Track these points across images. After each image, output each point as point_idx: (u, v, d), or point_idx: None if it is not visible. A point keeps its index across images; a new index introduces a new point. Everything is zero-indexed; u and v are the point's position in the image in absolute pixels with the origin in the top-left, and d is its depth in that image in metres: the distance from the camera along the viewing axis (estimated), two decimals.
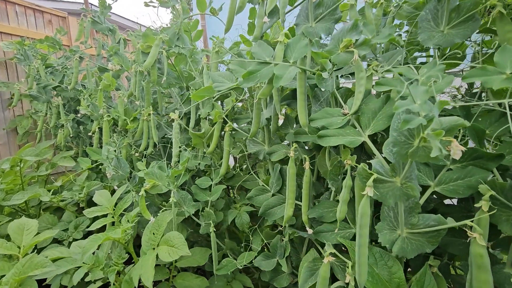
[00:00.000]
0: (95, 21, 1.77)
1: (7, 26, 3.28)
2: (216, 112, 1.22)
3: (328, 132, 0.64)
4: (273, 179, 1.03)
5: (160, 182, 1.06)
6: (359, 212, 0.51)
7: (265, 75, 0.66)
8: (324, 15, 0.83)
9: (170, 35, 1.25)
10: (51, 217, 1.80)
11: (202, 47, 2.24)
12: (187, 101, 1.47)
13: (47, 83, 2.08)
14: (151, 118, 1.48)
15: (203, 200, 1.30)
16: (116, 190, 1.25)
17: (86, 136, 2.29)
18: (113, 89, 1.63)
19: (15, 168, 1.82)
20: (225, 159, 1.20)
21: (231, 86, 0.80)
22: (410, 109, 0.40)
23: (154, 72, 1.25)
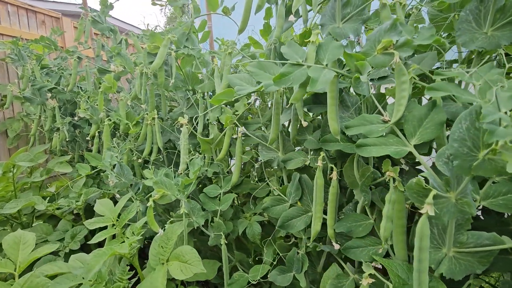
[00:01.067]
0: (96, 20, 1.69)
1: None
2: (227, 117, 1.15)
3: (368, 141, 0.58)
4: (291, 188, 0.97)
5: (169, 192, 0.98)
6: (418, 233, 0.45)
7: (298, 78, 0.60)
8: (352, 15, 0.78)
9: (178, 35, 1.18)
10: (45, 226, 1.70)
11: (207, 48, 2.18)
12: (193, 105, 1.40)
13: (43, 85, 1.98)
14: (155, 122, 1.40)
15: (212, 209, 1.23)
16: (119, 199, 1.17)
17: (82, 140, 2.20)
18: (114, 91, 1.55)
19: (7, 174, 1.72)
20: (237, 167, 1.14)
21: (255, 89, 0.74)
22: (496, 118, 0.35)
23: (162, 74, 1.18)
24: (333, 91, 0.67)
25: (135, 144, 1.62)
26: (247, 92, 0.74)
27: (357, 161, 0.76)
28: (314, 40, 0.64)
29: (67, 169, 1.80)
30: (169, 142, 1.63)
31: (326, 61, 0.63)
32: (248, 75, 0.86)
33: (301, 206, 0.95)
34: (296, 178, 0.96)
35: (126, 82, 2.48)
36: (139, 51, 1.71)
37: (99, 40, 1.91)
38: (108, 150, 1.37)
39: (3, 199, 1.84)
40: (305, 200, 0.94)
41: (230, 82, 0.84)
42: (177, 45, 1.20)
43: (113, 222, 1.13)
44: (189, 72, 1.45)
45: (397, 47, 0.61)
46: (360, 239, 0.74)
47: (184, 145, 1.10)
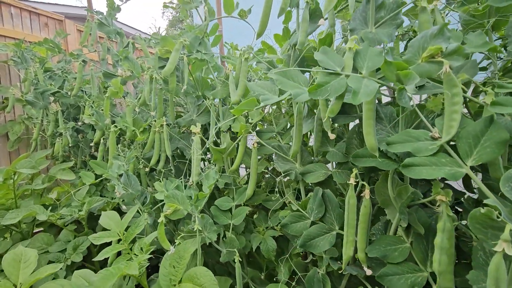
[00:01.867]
0: (102, 23, 1.63)
1: (1, 28, 3.14)
2: (241, 125, 1.09)
3: (417, 161, 0.52)
4: (313, 204, 0.90)
5: (182, 206, 0.92)
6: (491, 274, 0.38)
7: (337, 89, 0.53)
8: (386, 20, 0.72)
9: (191, 39, 1.12)
10: (46, 236, 1.62)
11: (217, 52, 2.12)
12: (204, 112, 1.34)
13: (46, 88, 1.92)
14: (164, 129, 1.34)
15: (224, 223, 1.16)
16: (126, 210, 1.10)
17: (85, 145, 2.13)
18: (121, 96, 1.49)
19: (8, 181, 1.65)
20: (253, 179, 1.07)
21: (281, 99, 0.67)
22: None
23: (173, 80, 1.11)
24: (371, 103, 0.61)
25: (141, 152, 1.55)
26: (273, 102, 0.67)
27: (391, 178, 0.69)
28: (351, 47, 0.58)
29: (69, 177, 1.74)
30: (176, 150, 1.57)
31: (365, 69, 0.56)
32: (269, 82, 0.80)
33: (324, 224, 0.88)
34: (318, 193, 0.89)
35: (130, 85, 2.42)
36: (147, 55, 1.65)
37: (104, 44, 1.86)
38: (115, 159, 1.30)
39: (3, 206, 1.77)
40: (329, 217, 0.88)
41: (251, 90, 0.78)
42: (189, 50, 1.13)
43: (119, 237, 1.06)
44: (199, 77, 1.39)
45: (446, 55, 0.55)
46: (396, 265, 0.67)
47: (197, 155, 1.04)
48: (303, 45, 0.80)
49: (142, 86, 1.53)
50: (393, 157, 0.66)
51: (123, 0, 1.63)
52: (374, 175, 0.84)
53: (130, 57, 1.37)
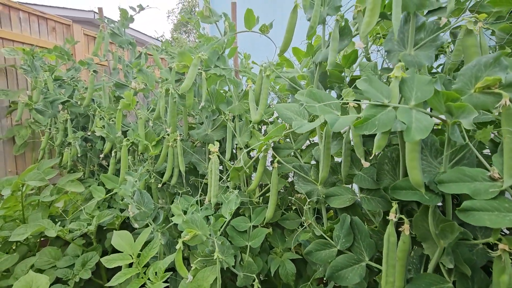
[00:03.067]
0: (115, 33, 1.61)
1: (9, 32, 3.14)
2: (261, 144, 1.04)
3: (476, 205, 0.47)
4: (340, 232, 0.85)
5: (201, 231, 0.87)
6: None
7: (385, 123, 0.49)
8: (426, 41, 0.67)
9: (209, 54, 1.08)
10: (54, 250, 1.58)
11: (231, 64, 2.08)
12: (220, 127, 1.29)
13: (56, 98, 1.90)
14: (177, 144, 1.30)
15: (241, 245, 1.11)
16: (140, 231, 1.06)
17: (94, 155, 2.10)
18: (133, 108, 1.45)
19: (16, 193, 1.62)
20: (273, 200, 1.02)
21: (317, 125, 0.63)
22: None
23: (191, 96, 1.08)
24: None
25: (153, 165, 1.51)
26: (307, 129, 0.63)
27: (432, 213, 0.64)
28: (398, 75, 0.53)
29: (78, 189, 1.70)
30: (189, 164, 1.53)
31: (413, 100, 0.52)
32: (297, 105, 0.75)
33: (353, 254, 0.82)
34: (346, 221, 0.84)
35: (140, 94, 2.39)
36: (160, 67, 1.62)
37: (116, 53, 1.83)
38: (127, 175, 1.26)
39: (10, 218, 1.74)
40: (357, 247, 0.82)
41: (279, 113, 0.73)
42: (206, 65, 1.10)
43: (133, 260, 1.01)
44: (214, 90, 1.36)
45: (505, 87, 0.50)
46: None
47: (214, 176, 0.99)
48: (333, 65, 0.76)
49: (155, 98, 1.49)
50: (436, 191, 0.61)
51: (136, 10, 1.60)
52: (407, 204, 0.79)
53: (144, 69, 1.33)
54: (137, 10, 1.60)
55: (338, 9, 0.85)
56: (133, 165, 1.59)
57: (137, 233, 1.39)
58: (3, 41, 3.08)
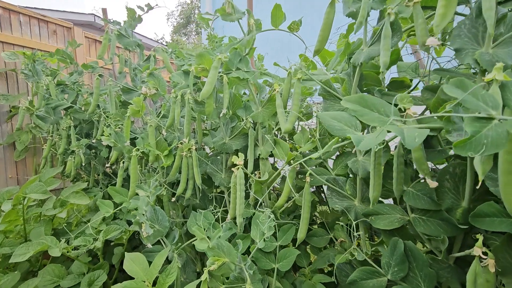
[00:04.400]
0: (122, 34, 1.50)
1: (9, 36, 3.06)
2: (290, 154, 0.93)
3: None
4: (391, 259, 0.73)
5: (228, 258, 0.75)
6: None
7: (497, 141, 0.37)
8: (505, 37, 0.56)
9: (231, 55, 0.97)
10: (57, 268, 1.47)
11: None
12: (239, 135, 1.18)
13: (59, 103, 1.79)
14: (193, 154, 1.19)
15: (266, 268, 0.99)
16: (157, 255, 0.94)
17: (99, 163, 1.99)
18: (142, 115, 1.34)
19: (17, 206, 1.51)
20: (305, 219, 0.90)
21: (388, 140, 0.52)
22: None
23: (211, 103, 0.97)
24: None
25: (164, 176, 1.40)
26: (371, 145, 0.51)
27: None
28: (499, 78, 0.42)
29: (83, 201, 1.59)
30: (203, 175, 1.42)
31: None
32: (346, 114, 0.64)
33: (407, 285, 0.71)
34: (398, 246, 0.72)
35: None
36: (169, 69, 1.51)
37: (122, 56, 1.72)
38: (139, 188, 1.15)
39: (10, 233, 1.62)
40: (413, 277, 0.71)
41: (325, 124, 0.62)
42: (227, 67, 0.99)
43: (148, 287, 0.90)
44: (231, 95, 1.25)
45: None
46: None
47: (240, 192, 0.88)
48: (386, 65, 0.65)
49: (167, 104, 1.38)
50: None
51: (144, 10, 1.50)
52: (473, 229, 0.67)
53: (156, 74, 1.22)
54: (145, 10, 1.50)
55: (384, 2, 0.74)
56: (142, 175, 1.48)
57: (148, 250, 1.28)
58: (3, 44, 3.00)
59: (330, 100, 0.90)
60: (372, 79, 0.93)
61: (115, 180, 2.05)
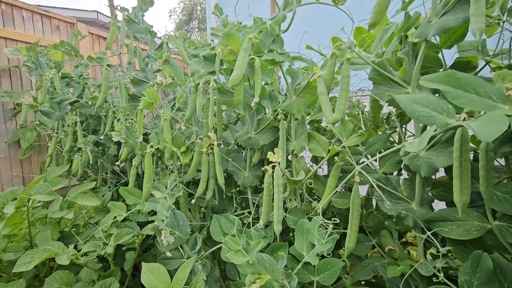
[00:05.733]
0: (131, 20, 1.36)
1: (12, 32, 2.97)
2: (333, 148, 0.79)
3: None
4: (473, 276, 0.60)
5: (271, 275, 0.62)
6: None
7: None
8: None
9: (262, 36, 0.84)
10: (65, 275, 1.35)
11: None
12: (266, 129, 1.05)
13: (64, 97, 1.67)
14: (214, 150, 1.06)
15: (305, 281, 0.86)
16: (180, 267, 0.81)
17: (107, 161, 1.87)
18: (155, 108, 1.21)
19: (21, 208, 1.39)
20: (355, 226, 0.77)
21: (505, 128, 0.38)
22: None
23: (241, 90, 0.83)
24: None
25: (180, 175, 1.27)
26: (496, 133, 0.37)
27: None
28: None
29: (92, 202, 1.47)
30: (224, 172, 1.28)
31: None
32: (433, 97, 0.50)
33: None
34: (485, 262, 0.58)
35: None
36: (183, 57, 1.38)
37: (131, 45, 1.59)
38: (154, 189, 1.02)
39: (15, 238, 1.51)
40: None
41: (406, 109, 0.48)
42: (258, 49, 0.85)
43: None
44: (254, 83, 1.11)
45: None
46: None
47: (278, 194, 0.74)
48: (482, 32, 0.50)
49: (184, 95, 1.25)
50: None
51: None
52: None
53: (172, 61, 1.09)
54: None
55: None
56: (155, 174, 1.36)
57: (164, 258, 1.16)
58: (6, 40, 2.92)
59: (383, 85, 0.76)
60: (431, 59, 0.79)
61: (124, 179, 1.93)
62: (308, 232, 0.70)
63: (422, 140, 0.41)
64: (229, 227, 0.97)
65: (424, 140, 0.41)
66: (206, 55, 1.00)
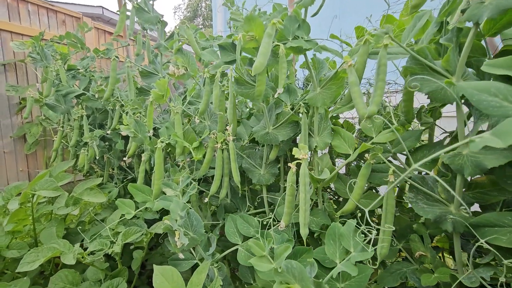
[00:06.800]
0: (141, 8, 1.30)
1: (18, 26, 2.94)
2: (363, 145, 0.72)
3: None
4: None
5: (299, 284, 0.56)
6: None
7: None
8: None
9: (286, 21, 0.77)
10: (71, 274, 1.30)
11: None
12: (285, 124, 0.98)
13: (70, 90, 1.61)
14: (230, 146, 0.99)
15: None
16: (195, 271, 0.75)
17: (114, 156, 1.81)
18: (166, 101, 1.15)
19: (25, 204, 1.34)
20: (388, 230, 0.70)
21: None
22: None
23: (263, 80, 0.76)
24: None
25: (191, 172, 1.21)
26: None
27: None
28: None
29: (99, 199, 1.41)
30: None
31: None
32: (503, 84, 0.43)
33: None
34: None
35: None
36: (195, 48, 1.31)
37: (139, 36, 1.53)
38: (166, 186, 0.96)
39: (19, 235, 1.46)
40: None
41: (471, 98, 0.41)
42: (281, 36, 0.78)
43: None
44: (273, 75, 1.04)
45: None
46: None
47: (305, 194, 0.68)
48: None
49: (197, 87, 1.18)
50: None
51: None
52: None
53: (185, 51, 1.02)
54: None
55: None
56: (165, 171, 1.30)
57: (175, 258, 1.10)
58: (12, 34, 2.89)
59: (423, 75, 0.68)
60: (474, 48, 0.72)
61: (130, 175, 1.87)
62: (342, 237, 0.63)
63: (507, 133, 0.34)
64: (245, 228, 0.91)
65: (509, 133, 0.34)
66: (222, 44, 0.93)
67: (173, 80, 1.30)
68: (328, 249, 0.65)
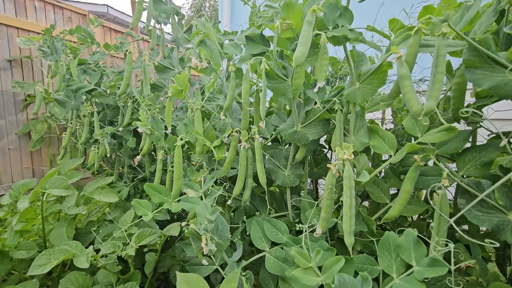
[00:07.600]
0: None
1: (24, 22, 2.91)
2: (411, 145, 0.66)
3: None
4: None
5: None
6: None
7: None
8: None
9: (326, 8, 0.70)
10: (81, 277, 1.24)
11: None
12: (316, 122, 0.91)
13: (81, 85, 1.55)
14: (256, 145, 0.93)
15: None
16: (223, 281, 0.69)
17: (124, 154, 1.75)
18: (185, 96, 1.08)
19: (35, 203, 1.29)
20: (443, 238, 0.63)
21: None
22: None
23: (302, 72, 0.69)
24: None
25: (210, 171, 1.15)
26: None
27: None
28: None
29: (111, 198, 1.35)
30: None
31: None
32: None
33: None
34: None
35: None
36: (213, 41, 1.24)
37: (154, 30, 1.47)
38: (187, 186, 0.90)
39: (27, 234, 1.41)
40: None
41: None
42: (320, 25, 0.71)
43: None
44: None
45: None
46: None
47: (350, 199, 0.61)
48: None
49: (218, 83, 1.12)
50: None
51: None
52: None
53: (208, 42, 0.96)
54: None
55: None
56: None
57: (194, 263, 1.04)
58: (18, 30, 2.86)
59: (482, 68, 0.62)
60: None
61: (141, 174, 1.81)
62: (400, 248, 0.56)
63: None
64: (273, 233, 0.84)
65: None
66: (250, 35, 0.86)
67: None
68: (382, 262, 0.58)
